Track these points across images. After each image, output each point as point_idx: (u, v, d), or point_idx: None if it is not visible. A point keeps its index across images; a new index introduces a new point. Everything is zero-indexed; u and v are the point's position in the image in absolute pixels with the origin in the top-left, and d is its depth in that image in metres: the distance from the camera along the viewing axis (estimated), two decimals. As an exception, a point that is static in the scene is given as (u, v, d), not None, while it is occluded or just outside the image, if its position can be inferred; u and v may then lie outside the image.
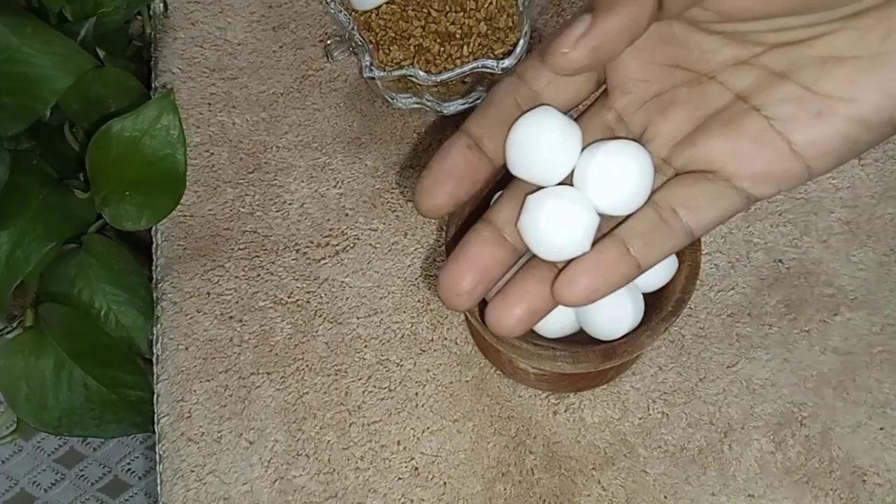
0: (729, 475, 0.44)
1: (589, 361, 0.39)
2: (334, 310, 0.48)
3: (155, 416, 0.47)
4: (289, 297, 0.48)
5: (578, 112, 0.31)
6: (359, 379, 0.46)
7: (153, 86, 0.54)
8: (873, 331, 0.46)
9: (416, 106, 0.51)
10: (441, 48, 0.48)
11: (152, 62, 0.55)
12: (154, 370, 0.48)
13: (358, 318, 0.48)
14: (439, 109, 0.51)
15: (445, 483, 0.44)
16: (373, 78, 0.47)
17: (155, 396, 0.47)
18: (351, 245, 0.49)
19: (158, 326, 0.48)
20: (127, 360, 0.51)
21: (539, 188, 0.30)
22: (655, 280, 0.40)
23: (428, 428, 0.45)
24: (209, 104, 0.53)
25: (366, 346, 0.47)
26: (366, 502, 0.44)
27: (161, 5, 0.55)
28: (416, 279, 0.48)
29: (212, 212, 0.51)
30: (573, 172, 0.30)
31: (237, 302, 0.48)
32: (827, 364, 0.46)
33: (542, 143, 0.29)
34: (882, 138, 0.28)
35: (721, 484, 0.44)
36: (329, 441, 0.45)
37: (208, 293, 0.49)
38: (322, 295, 0.48)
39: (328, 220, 0.50)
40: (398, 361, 0.47)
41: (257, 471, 0.45)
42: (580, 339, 0.40)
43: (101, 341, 0.50)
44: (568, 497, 0.44)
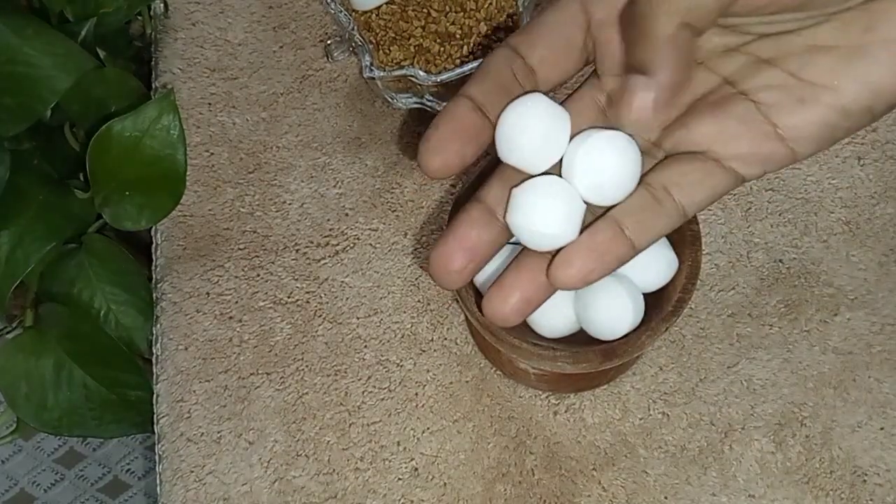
0: (729, 475, 0.44)
1: (589, 361, 0.39)
2: (334, 310, 0.48)
3: (154, 417, 0.47)
4: (289, 297, 0.48)
5: (571, 89, 0.31)
6: (359, 379, 0.46)
7: (153, 86, 0.54)
8: (873, 330, 0.46)
9: (416, 106, 0.51)
10: (441, 48, 0.48)
11: (153, 62, 0.55)
12: (154, 370, 0.48)
13: (358, 318, 0.48)
14: (439, 109, 0.51)
15: (445, 483, 0.44)
16: (373, 78, 0.47)
17: (154, 397, 0.47)
18: (351, 245, 0.49)
19: (158, 326, 0.48)
20: (127, 360, 0.51)
21: (528, 176, 0.30)
22: (656, 280, 0.39)
23: (428, 428, 0.45)
24: (209, 104, 0.53)
25: (366, 347, 0.47)
26: (365, 503, 0.44)
27: (161, 6, 0.56)
28: (416, 279, 0.48)
29: (212, 212, 0.51)
30: (562, 159, 0.30)
31: (237, 302, 0.48)
32: (827, 364, 0.46)
33: (531, 131, 0.29)
34: (860, 126, 0.28)
35: (721, 484, 0.44)
36: (329, 441, 0.45)
37: (208, 293, 0.49)
38: (322, 295, 0.48)
39: (328, 220, 0.50)
40: (398, 362, 0.47)
41: (257, 471, 0.45)
42: (580, 340, 0.40)
43: (101, 341, 0.51)
44: (568, 497, 0.43)
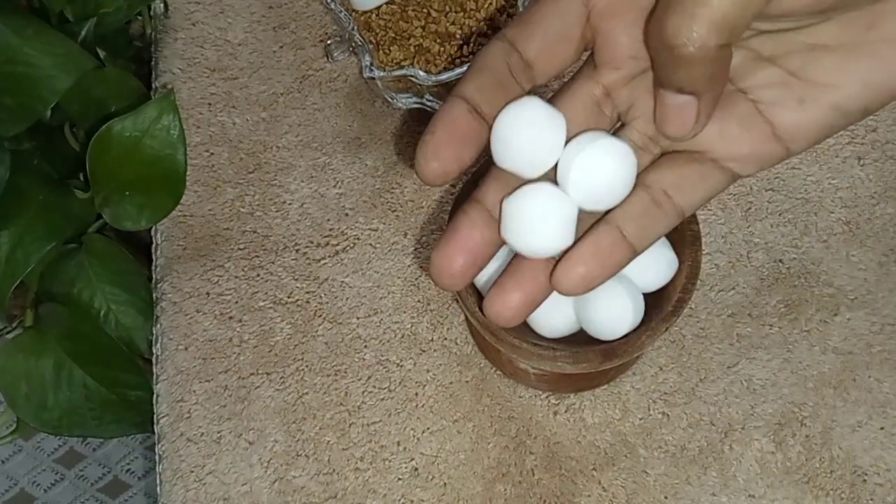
0: (729, 475, 0.44)
1: (589, 361, 0.39)
2: (334, 310, 0.48)
3: (154, 417, 0.47)
4: (289, 297, 0.48)
5: (566, 78, 0.31)
6: (359, 379, 0.46)
7: (153, 86, 0.54)
8: (873, 330, 0.46)
9: (416, 106, 0.51)
10: (441, 48, 0.48)
11: (153, 62, 0.55)
12: (154, 370, 0.48)
13: (358, 319, 0.48)
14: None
15: (445, 483, 0.44)
16: (373, 78, 0.47)
17: (154, 397, 0.47)
18: (351, 245, 0.49)
19: (158, 326, 0.48)
20: (127, 360, 0.51)
21: (522, 181, 0.30)
22: (656, 280, 0.39)
23: (428, 428, 0.45)
24: (209, 104, 0.53)
25: (366, 347, 0.47)
26: (365, 503, 0.44)
27: (161, 6, 0.56)
28: (416, 279, 0.48)
29: (212, 212, 0.51)
30: (557, 165, 0.30)
31: (237, 302, 0.48)
32: (827, 364, 0.46)
33: (525, 137, 0.29)
34: (852, 123, 0.29)
35: (721, 484, 0.44)
36: (329, 441, 0.45)
37: (208, 293, 0.49)
38: (322, 295, 0.48)
39: (328, 220, 0.50)
40: (398, 362, 0.47)
41: (257, 471, 0.45)
42: (580, 340, 0.40)
43: (101, 341, 0.51)
44: (568, 497, 0.43)
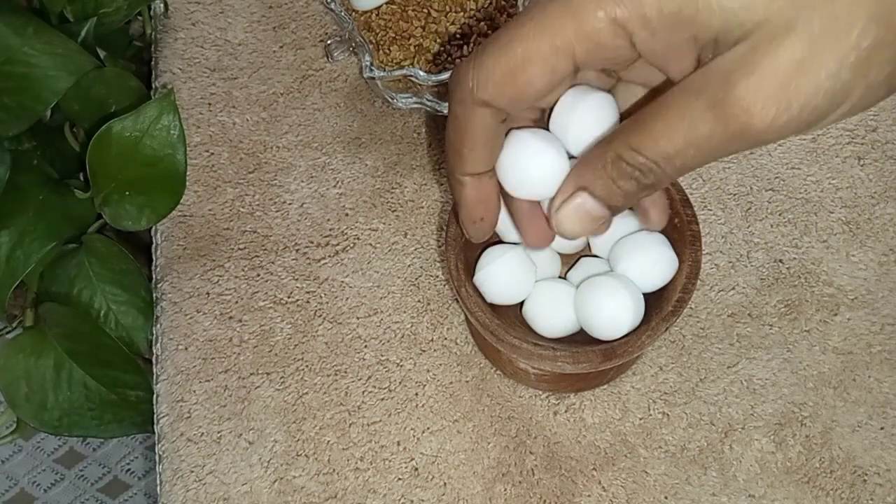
0: (729, 475, 0.44)
1: (589, 361, 0.39)
2: (334, 310, 0.48)
3: (155, 417, 0.47)
4: (289, 297, 0.48)
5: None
6: (359, 379, 0.46)
7: (153, 86, 0.54)
8: (873, 330, 0.46)
9: (416, 106, 0.51)
10: (441, 48, 0.48)
11: (153, 62, 0.55)
12: (154, 370, 0.48)
13: (358, 318, 0.48)
14: (439, 109, 0.51)
15: (445, 483, 0.44)
16: (373, 78, 0.47)
17: (155, 397, 0.47)
18: (351, 245, 0.49)
19: (158, 326, 0.48)
20: (127, 360, 0.51)
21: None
22: (656, 280, 0.39)
23: (428, 428, 0.45)
24: (209, 104, 0.53)
25: (366, 347, 0.47)
26: (365, 503, 0.44)
27: (162, 6, 0.56)
28: (417, 279, 0.48)
29: (212, 212, 0.51)
30: (551, 118, 0.32)
31: (237, 302, 0.48)
32: (827, 364, 0.46)
33: (532, 166, 0.32)
34: None
35: (722, 484, 0.44)
36: (329, 441, 0.45)
37: (208, 293, 0.49)
38: (322, 295, 0.48)
39: (328, 220, 0.50)
40: (398, 361, 0.47)
41: (257, 471, 0.45)
42: (580, 340, 0.40)
43: (101, 341, 0.51)
44: (568, 497, 0.43)
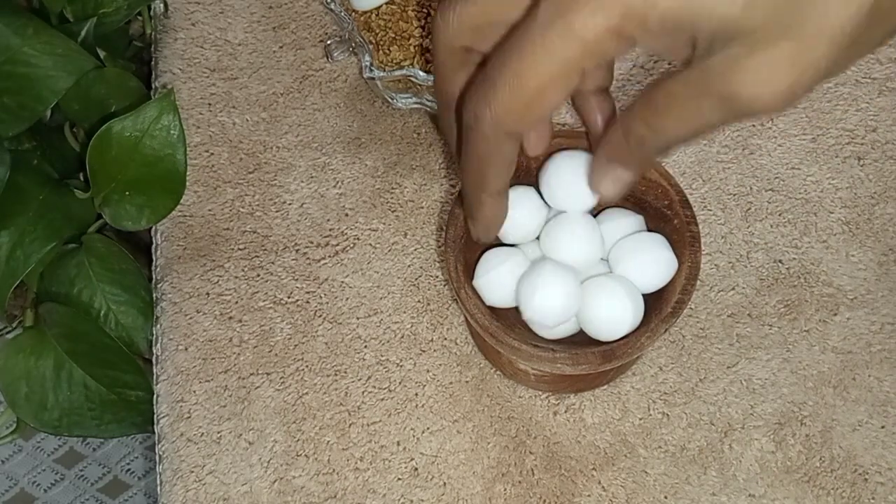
0: (729, 475, 0.44)
1: (588, 363, 0.39)
2: (334, 310, 0.48)
3: (155, 417, 0.47)
4: (288, 298, 0.48)
5: None
6: (358, 379, 0.46)
7: (153, 86, 0.54)
8: (872, 329, 0.46)
9: (416, 106, 0.51)
10: (441, 48, 0.48)
11: (153, 62, 0.55)
12: (154, 370, 0.48)
13: (358, 319, 0.48)
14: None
15: (445, 483, 0.44)
16: (373, 78, 0.47)
17: (155, 397, 0.47)
18: (351, 245, 0.49)
19: (158, 327, 0.48)
20: (127, 361, 0.51)
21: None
22: (655, 281, 0.40)
23: (428, 428, 0.45)
24: (209, 104, 0.53)
25: (365, 347, 0.47)
26: (365, 503, 0.44)
27: (161, 6, 0.56)
28: (417, 279, 0.48)
29: (211, 212, 0.51)
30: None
31: (237, 302, 0.48)
32: (826, 363, 0.46)
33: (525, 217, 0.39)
34: None
35: (721, 484, 0.44)
36: (329, 441, 0.45)
37: (208, 293, 0.49)
38: (322, 295, 0.48)
39: (328, 221, 0.50)
40: (398, 362, 0.47)
41: (257, 471, 0.45)
42: (580, 341, 0.40)
43: (101, 341, 0.51)
44: (568, 497, 0.44)
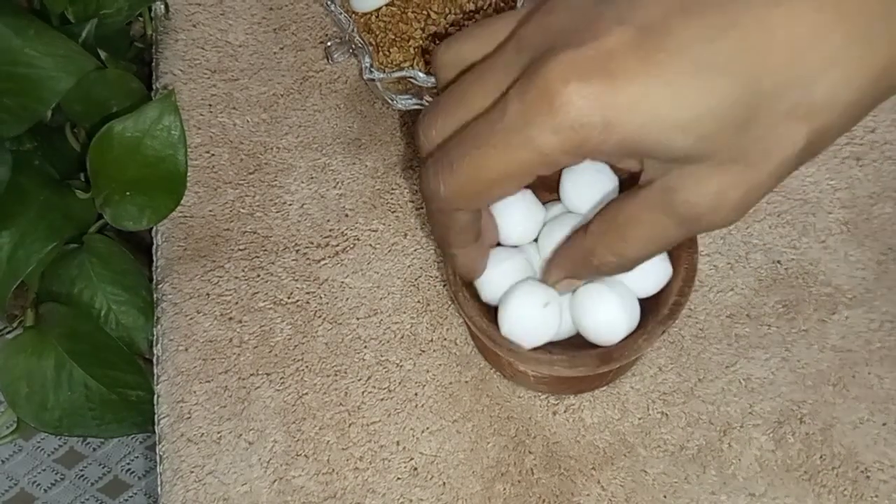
0: (728, 474, 0.44)
1: (586, 365, 0.39)
2: (334, 310, 0.48)
3: (155, 417, 0.47)
4: (289, 298, 0.48)
5: None
6: (358, 379, 0.46)
7: (154, 87, 0.54)
8: (871, 328, 0.46)
9: (416, 107, 0.51)
10: (441, 49, 0.48)
11: (154, 64, 0.55)
12: (154, 371, 0.48)
13: (358, 319, 0.48)
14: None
15: (444, 483, 0.44)
16: (373, 79, 0.48)
17: (155, 397, 0.47)
18: (351, 246, 0.50)
19: (159, 327, 0.49)
20: (127, 361, 0.51)
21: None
22: (651, 285, 0.40)
23: (427, 428, 0.45)
24: (210, 105, 0.53)
25: (365, 347, 0.47)
26: (364, 502, 0.44)
27: (162, 7, 0.56)
28: (416, 279, 0.49)
29: (212, 212, 0.51)
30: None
31: (237, 303, 0.49)
32: (825, 362, 0.46)
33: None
34: None
35: (721, 483, 0.44)
36: (328, 441, 0.45)
37: (208, 294, 0.49)
38: (322, 295, 0.48)
39: (328, 221, 0.50)
40: (398, 362, 0.47)
41: (256, 471, 0.45)
42: (578, 343, 0.40)
43: (102, 341, 0.51)
44: (567, 497, 0.44)
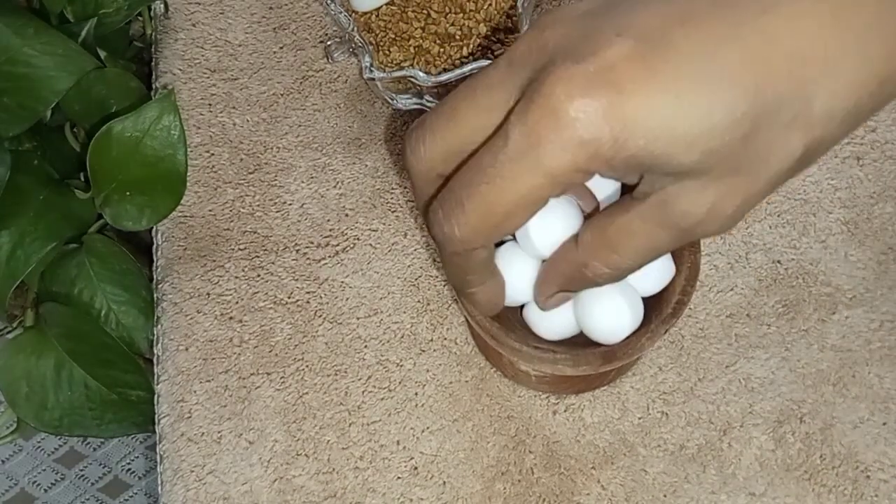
0: (728, 473, 0.44)
1: (589, 364, 0.39)
2: (334, 310, 0.48)
3: (156, 417, 0.47)
4: (289, 298, 0.48)
5: None
6: (358, 379, 0.46)
7: (154, 86, 0.54)
8: (872, 327, 0.46)
9: (416, 106, 0.51)
10: (441, 49, 0.48)
11: (153, 63, 0.55)
12: (155, 371, 0.48)
13: (358, 319, 0.48)
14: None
15: (445, 482, 0.44)
16: (373, 79, 0.48)
17: (156, 397, 0.47)
18: (351, 245, 0.50)
19: (159, 327, 0.49)
20: (127, 360, 0.51)
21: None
22: (655, 284, 0.40)
23: (427, 428, 0.45)
24: (210, 105, 0.53)
25: (365, 347, 0.47)
26: (365, 502, 0.44)
27: (162, 6, 0.56)
28: (416, 279, 0.49)
29: (212, 212, 0.51)
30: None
31: (237, 302, 0.49)
32: (825, 361, 0.46)
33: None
34: None
35: (721, 482, 0.44)
36: (328, 441, 0.45)
37: (208, 294, 0.49)
38: (322, 295, 0.48)
39: (328, 221, 0.50)
40: (398, 361, 0.47)
41: (257, 471, 0.45)
42: (581, 342, 0.40)
43: (102, 341, 0.51)
44: (567, 496, 0.44)
